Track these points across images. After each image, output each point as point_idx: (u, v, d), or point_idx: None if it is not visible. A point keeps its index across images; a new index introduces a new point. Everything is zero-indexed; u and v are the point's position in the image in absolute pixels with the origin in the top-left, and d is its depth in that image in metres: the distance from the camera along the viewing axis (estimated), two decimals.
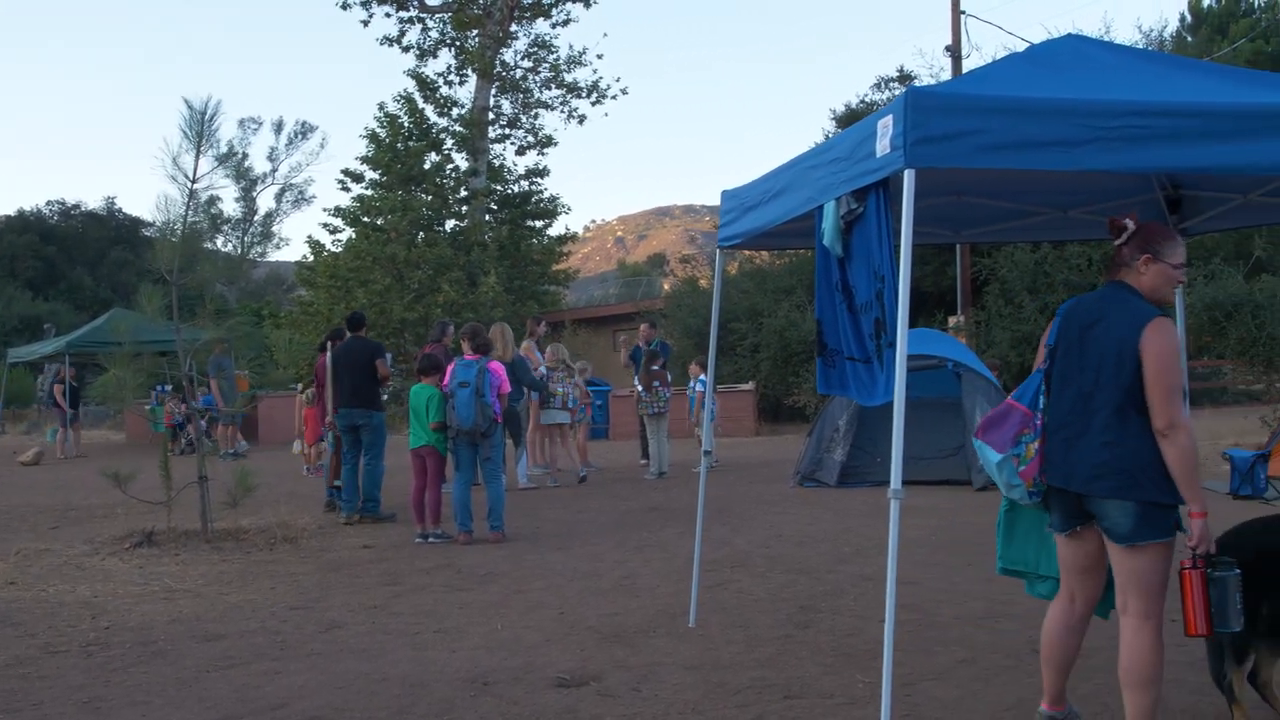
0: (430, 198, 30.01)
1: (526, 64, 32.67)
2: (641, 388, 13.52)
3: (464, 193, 30.84)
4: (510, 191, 31.96)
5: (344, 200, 31.01)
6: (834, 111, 30.25)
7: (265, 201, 64.34)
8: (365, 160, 30.38)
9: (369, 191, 30.33)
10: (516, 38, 32.47)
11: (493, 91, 31.81)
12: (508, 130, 32.62)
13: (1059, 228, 6.10)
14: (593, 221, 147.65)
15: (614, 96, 33.11)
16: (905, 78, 28.72)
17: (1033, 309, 19.95)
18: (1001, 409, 3.86)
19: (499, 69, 31.80)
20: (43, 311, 41.87)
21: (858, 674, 4.84)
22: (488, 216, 31.38)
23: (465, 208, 30.94)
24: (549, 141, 32.61)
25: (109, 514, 10.94)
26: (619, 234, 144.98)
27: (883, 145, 3.73)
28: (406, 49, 32.40)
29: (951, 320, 20.46)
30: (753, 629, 5.74)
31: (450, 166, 30.85)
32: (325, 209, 31.08)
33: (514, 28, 32.05)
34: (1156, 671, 3.45)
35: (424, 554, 8.42)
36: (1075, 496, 3.57)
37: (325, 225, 30.66)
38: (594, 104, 32.94)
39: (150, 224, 41.09)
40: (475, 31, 31.62)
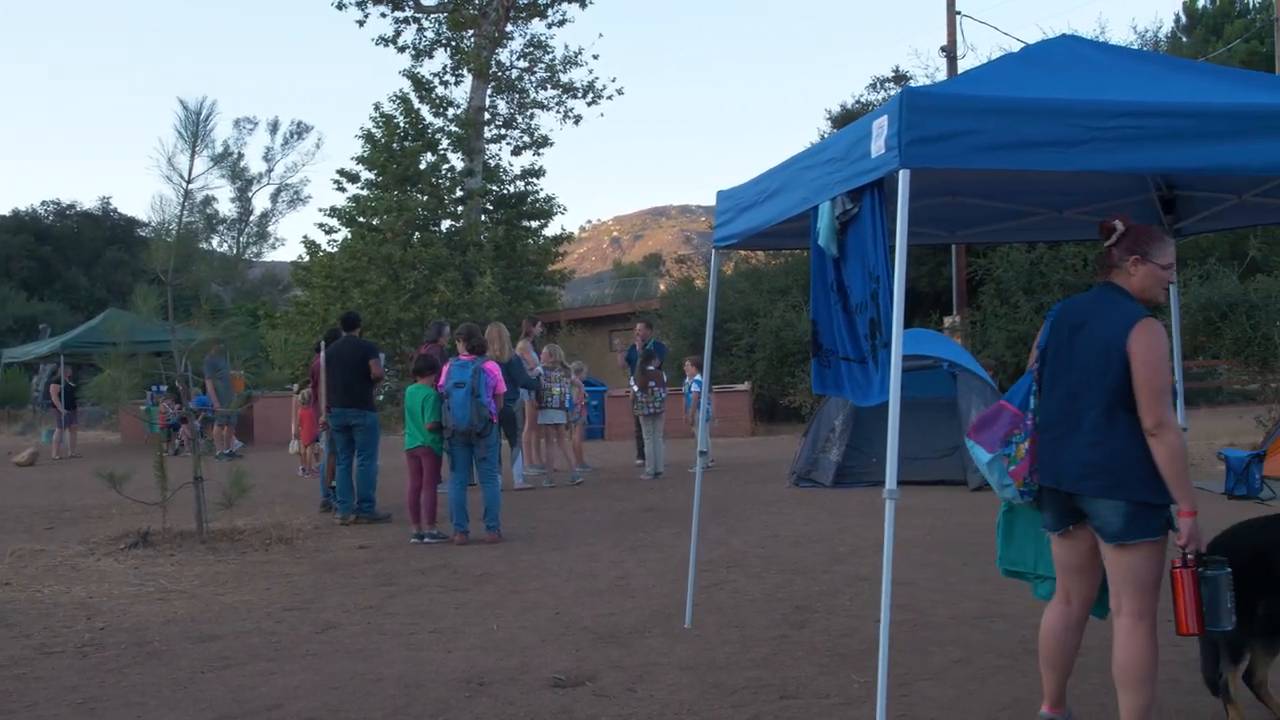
0: (426, 198, 30.01)
1: (522, 64, 32.76)
2: (637, 388, 13.52)
3: (460, 193, 30.84)
4: (506, 192, 31.97)
5: (339, 200, 31.05)
6: (829, 112, 30.35)
7: (261, 202, 64.55)
8: (361, 160, 30.39)
9: (364, 192, 30.34)
10: (512, 38, 32.56)
11: (488, 92, 31.82)
12: (503, 130, 32.69)
13: (1054, 228, 6.11)
14: (588, 222, 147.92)
15: (610, 97, 33.23)
16: (901, 78, 28.76)
17: (1028, 309, 19.98)
18: (993, 410, 3.90)
19: (495, 69, 31.81)
20: (38, 312, 41.85)
21: (853, 674, 4.84)
22: (483, 217, 31.38)
23: (461, 208, 30.94)
24: (545, 142, 32.65)
25: (104, 515, 10.92)
26: (615, 234, 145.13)
27: (878, 145, 3.73)
28: (402, 49, 32.44)
29: (947, 320, 20.47)
30: (748, 629, 5.73)
31: (446, 167, 30.87)
32: (321, 209, 31.07)
33: (509, 28, 32.08)
34: (1151, 670, 3.46)
35: (419, 554, 8.41)
36: (1067, 496, 3.59)
37: (321, 225, 30.73)
38: (590, 104, 33.05)
39: (145, 224, 41.09)
40: (471, 32, 31.63)
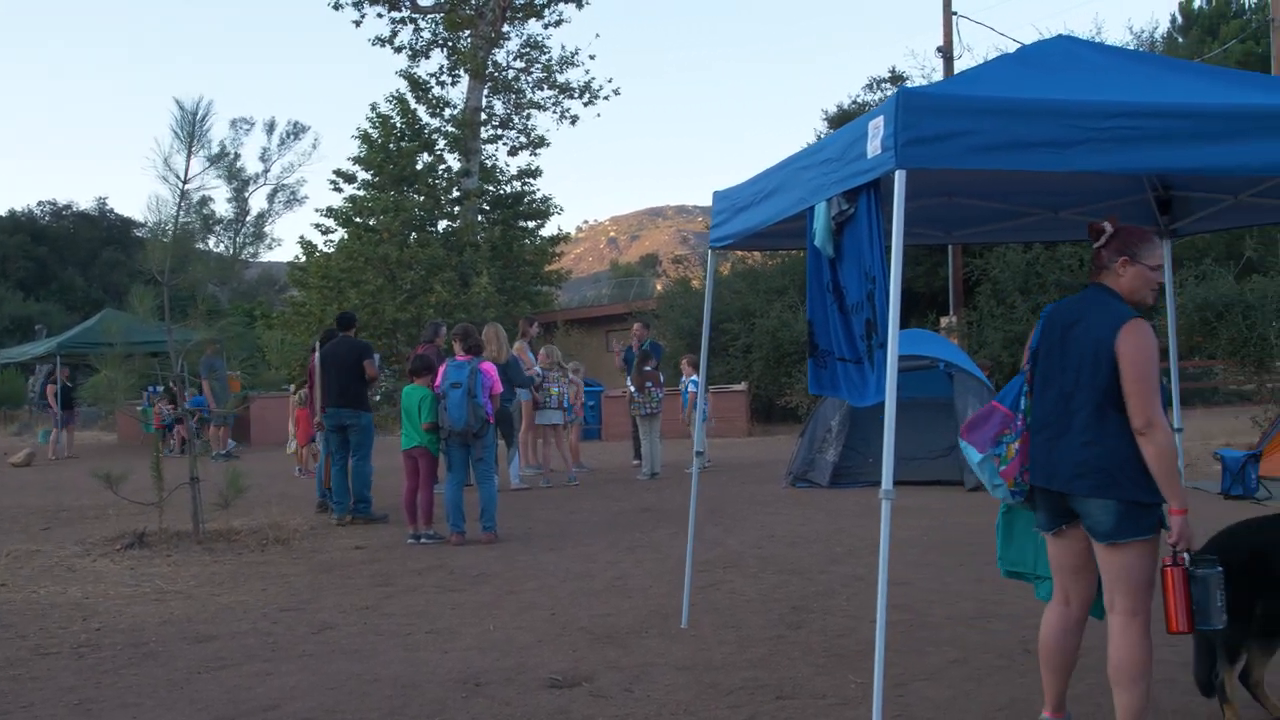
0: (422, 198, 29.97)
1: (519, 64, 32.72)
2: (634, 388, 13.52)
3: (456, 193, 30.80)
4: (503, 192, 31.94)
5: (336, 201, 31.06)
6: (826, 112, 30.36)
7: (257, 202, 64.55)
8: (357, 161, 30.34)
9: (361, 192, 30.29)
10: (509, 38, 32.50)
11: (485, 92, 31.79)
12: (500, 131, 32.65)
13: (1050, 228, 6.12)
14: (585, 222, 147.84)
15: (606, 97, 33.21)
16: (897, 78, 28.78)
17: (1025, 309, 20.00)
18: (984, 410, 3.94)
19: (491, 69, 31.78)
20: (34, 312, 41.80)
21: (850, 674, 4.84)
22: (480, 217, 31.35)
23: (458, 208, 30.90)
24: (541, 142, 32.61)
25: (100, 515, 10.91)
26: (611, 234, 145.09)
27: (874, 146, 3.73)
28: (399, 49, 32.38)
29: (943, 321, 20.48)
30: (745, 629, 5.73)
31: (443, 167, 30.82)
32: (317, 209, 31.12)
33: (506, 28, 32.05)
34: (1145, 668, 3.48)
35: (416, 555, 8.40)
36: (1059, 495, 3.61)
37: (317, 226, 30.66)
38: (586, 104, 33.01)
39: (142, 224, 40.97)
40: (467, 32, 31.60)
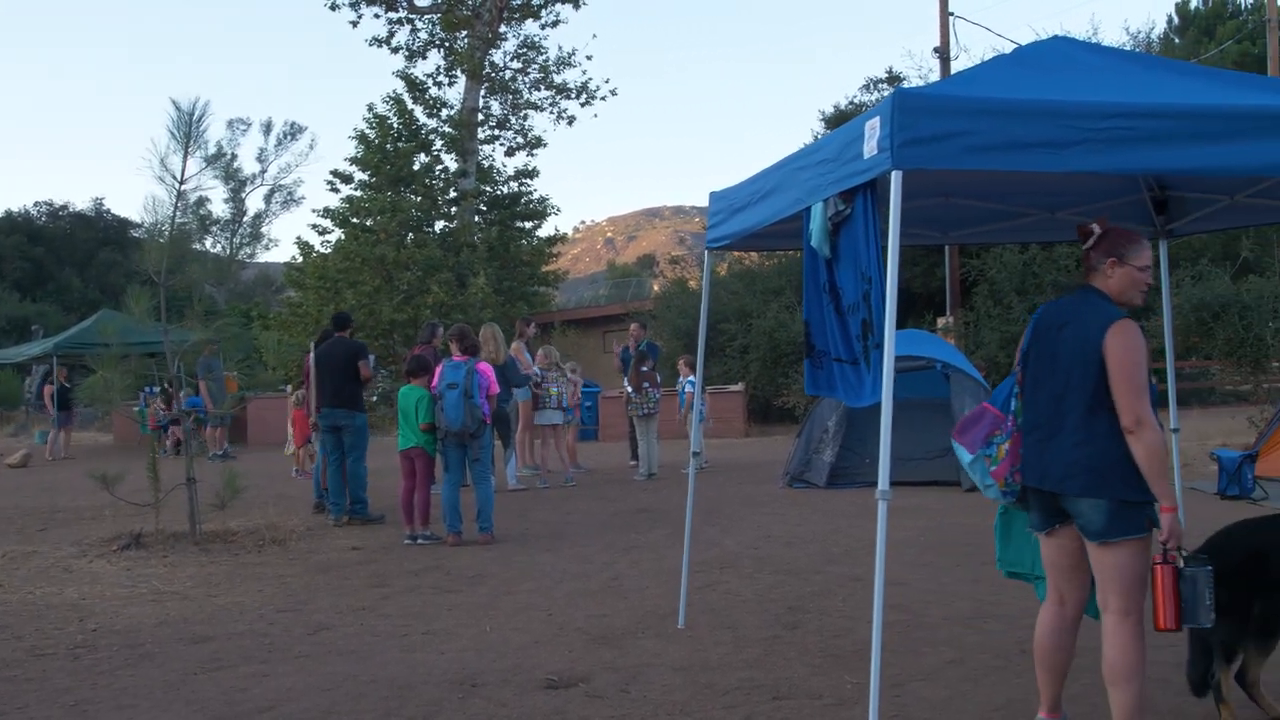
0: (419, 199, 29.97)
1: (516, 65, 32.71)
2: (631, 389, 13.52)
3: (453, 194, 30.80)
4: (500, 192, 31.94)
5: (333, 201, 30.97)
6: (823, 113, 30.38)
7: (254, 202, 64.35)
8: (354, 161, 30.33)
9: (358, 192, 30.27)
10: (505, 39, 32.49)
11: (482, 92, 31.78)
12: (497, 131, 32.65)
13: (1047, 229, 6.12)
14: (582, 222, 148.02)
15: (603, 98, 33.25)
16: (894, 79, 28.80)
17: (1021, 310, 20.01)
18: (975, 411, 3.98)
19: (488, 70, 31.77)
20: (30, 313, 41.69)
21: (846, 674, 4.85)
22: (477, 217, 31.34)
23: (454, 209, 30.90)
24: (538, 143, 32.62)
25: (96, 516, 10.88)
26: (608, 235, 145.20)
27: (870, 147, 3.73)
28: (395, 50, 32.37)
29: (940, 321, 20.51)
30: (741, 630, 5.73)
31: (439, 167, 30.82)
32: (314, 210, 31.11)
33: (503, 29, 32.03)
34: (1139, 667, 3.49)
35: (412, 555, 8.40)
36: (1051, 495, 3.64)
37: (314, 226, 30.65)
38: (583, 105, 33.01)
39: (138, 225, 40.87)
40: (464, 32, 31.58)
